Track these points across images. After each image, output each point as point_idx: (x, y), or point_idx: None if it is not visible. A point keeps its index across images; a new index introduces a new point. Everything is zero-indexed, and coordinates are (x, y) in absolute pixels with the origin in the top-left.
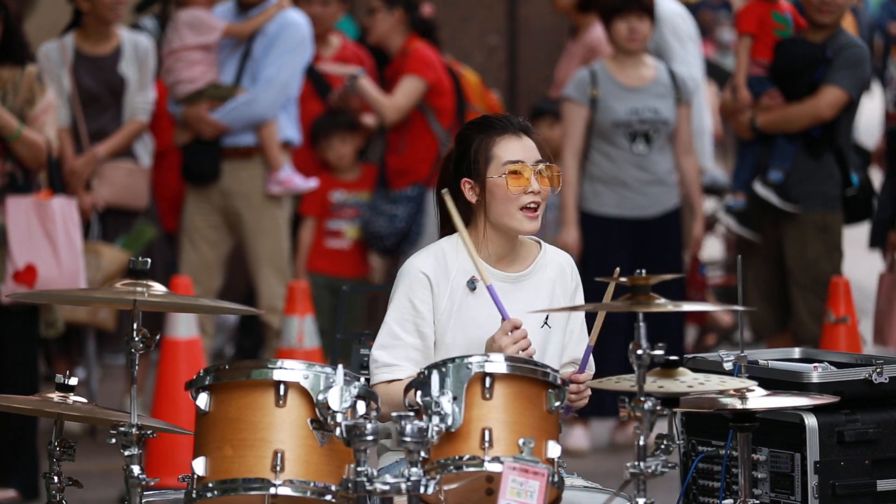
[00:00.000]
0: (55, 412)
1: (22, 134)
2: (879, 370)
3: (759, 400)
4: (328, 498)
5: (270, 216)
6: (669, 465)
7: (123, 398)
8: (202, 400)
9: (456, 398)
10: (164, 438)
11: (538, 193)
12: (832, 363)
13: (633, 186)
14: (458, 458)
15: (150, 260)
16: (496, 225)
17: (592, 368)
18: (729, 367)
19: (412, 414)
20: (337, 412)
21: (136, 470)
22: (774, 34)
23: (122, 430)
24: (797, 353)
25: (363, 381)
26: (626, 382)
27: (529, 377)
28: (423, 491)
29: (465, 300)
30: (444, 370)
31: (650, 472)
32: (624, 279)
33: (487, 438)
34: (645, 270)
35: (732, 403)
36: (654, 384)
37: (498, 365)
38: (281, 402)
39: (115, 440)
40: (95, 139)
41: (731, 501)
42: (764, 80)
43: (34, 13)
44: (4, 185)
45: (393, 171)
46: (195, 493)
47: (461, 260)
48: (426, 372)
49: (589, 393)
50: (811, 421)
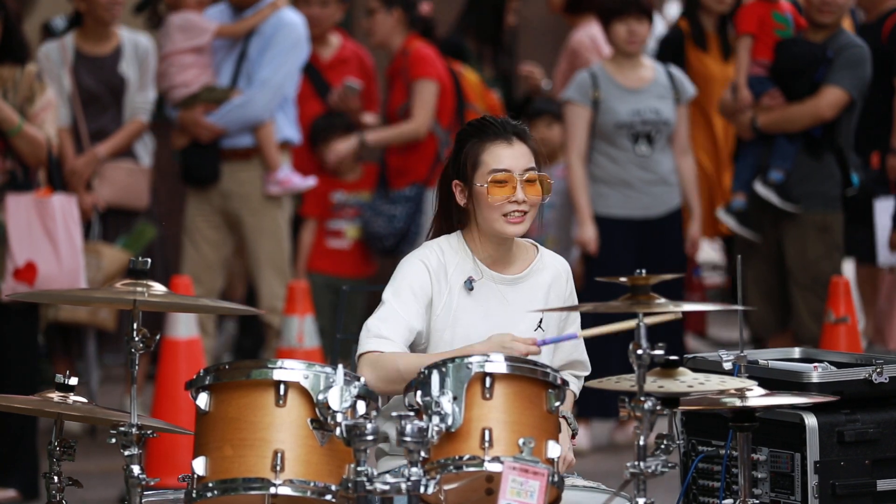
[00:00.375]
0: (55, 412)
1: (23, 129)
2: (879, 370)
3: (758, 399)
4: (328, 498)
5: (270, 217)
6: (669, 464)
7: (123, 398)
8: (202, 400)
9: (456, 398)
10: (164, 438)
11: (523, 202)
12: (832, 363)
13: (636, 187)
14: (458, 457)
15: (150, 260)
16: (483, 230)
17: (587, 369)
18: (729, 366)
19: (412, 414)
20: (337, 412)
21: (136, 470)
22: (775, 34)
23: (122, 430)
24: (797, 353)
25: (363, 381)
26: (626, 382)
27: (529, 377)
28: (423, 491)
29: (462, 299)
30: (444, 370)
31: (650, 472)
32: (624, 279)
33: (487, 438)
34: (646, 270)
35: (732, 403)
36: (654, 384)
37: (498, 365)
38: (281, 401)
39: (115, 440)
40: (96, 139)
41: (731, 501)
42: (764, 80)
43: (34, 13)
44: (5, 182)
45: (392, 170)
46: (195, 492)
47: (459, 259)
48: (426, 372)
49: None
50: (811, 421)
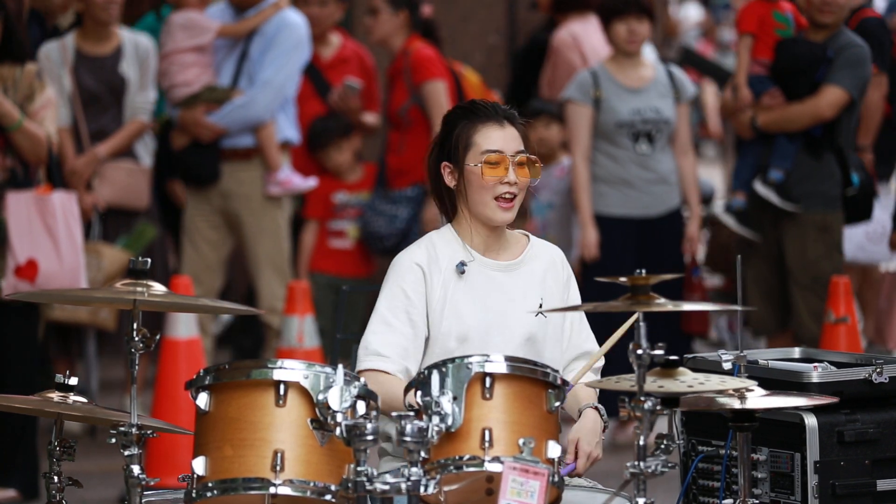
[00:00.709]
0: (55, 412)
1: (23, 125)
2: (879, 370)
3: (758, 399)
4: (328, 498)
5: (270, 217)
6: (669, 464)
7: (123, 398)
8: (202, 400)
9: (456, 398)
10: (164, 438)
11: (514, 184)
12: (832, 363)
13: (637, 186)
14: (458, 458)
15: (150, 260)
16: (473, 213)
17: (602, 360)
18: (728, 366)
19: (412, 414)
20: (337, 412)
21: (136, 470)
22: (775, 33)
23: (122, 429)
24: (797, 352)
25: (363, 381)
26: (626, 382)
27: (529, 377)
28: (423, 491)
29: (455, 287)
30: (444, 370)
31: (650, 471)
32: (624, 279)
33: (487, 438)
34: (645, 270)
35: (732, 403)
36: (654, 384)
37: (498, 365)
38: (281, 401)
39: (115, 440)
40: (96, 139)
41: (731, 501)
42: (765, 79)
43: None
44: (5, 180)
45: (393, 170)
46: (195, 492)
47: (450, 249)
48: (426, 372)
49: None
50: (811, 421)
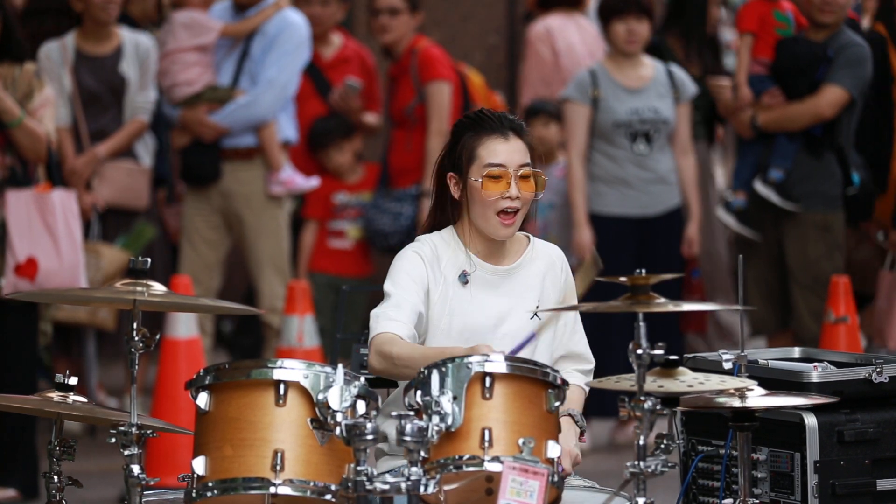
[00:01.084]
0: (55, 412)
1: (24, 121)
2: (879, 370)
3: (758, 399)
4: (328, 497)
5: (271, 216)
6: (669, 464)
7: (123, 398)
8: (202, 399)
9: (456, 398)
10: (164, 438)
11: (516, 199)
12: (832, 363)
13: (635, 185)
14: (457, 457)
15: (149, 260)
16: (475, 225)
17: (590, 361)
18: (728, 366)
19: (412, 413)
20: (337, 411)
21: (135, 469)
22: (776, 33)
23: (121, 429)
24: (797, 352)
25: (363, 380)
26: (626, 382)
27: (529, 377)
28: (423, 490)
29: (456, 292)
30: (443, 370)
31: (650, 471)
32: (624, 279)
33: (487, 438)
34: (645, 270)
35: (732, 403)
36: (654, 384)
37: (498, 365)
38: (281, 401)
39: (114, 440)
40: (96, 139)
41: (731, 501)
42: (765, 78)
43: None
44: (4, 178)
45: (396, 169)
46: (195, 492)
47: (451, 253)
48: (426, 372)
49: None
50: (811, 420)
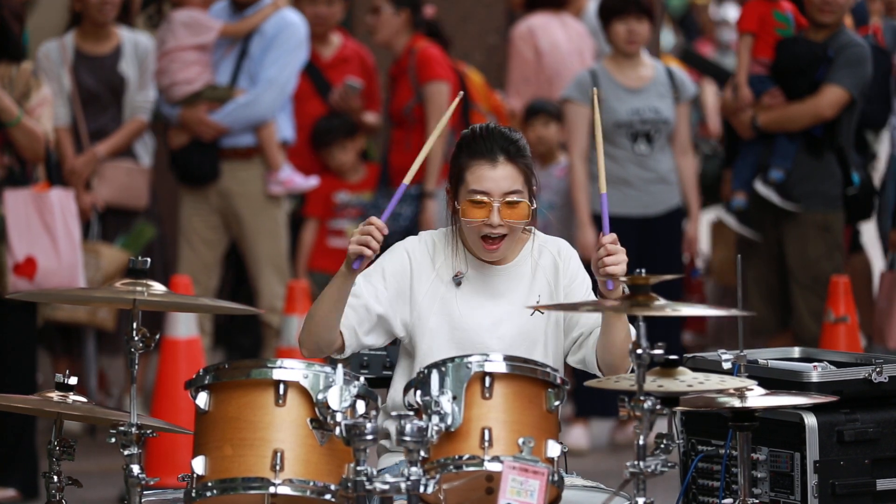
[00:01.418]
0: (55, 412)
1: (22, 121)
2: (879, 370)
3: (758, 399)
4: (328, 497)
5: (270, 216)
6: (669, 464)
7: (123, 397)
8: (202, 399)
9: (455, 397)
10: (163, 438)
11: (498, 227)
12: (832, 363)
13: (636, 185)
14: (457, 457)
15: (149, 260)
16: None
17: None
18: (728, 366)
19: (412, 413)
20: (337, 411)
21: (135, 469)
22: (776, 33)
23: (121, 429)
24: (797, 352)
25: (363, 380)
26: (625, 382)
27: (529, 376)
28: (422, 490)
29: (449, 291)
30: (443, 370)
31: (650, 471)
32: (624, 279)
33: (487, 438)
34: (646, 270)
35: (732, 402)
36: (653, 383)
37: (497, 364)
38: (280, 401)
39: (114, 440)
40: (95, 138)
41: (730, 501)
42: (765, 78)
43: (34, 13)
44: (2, 177)
45: (396, 169)
46: (195, 492)
47: (449, 252)
48: (426, 371)
49: (624, 255)
50: (811, 420)
